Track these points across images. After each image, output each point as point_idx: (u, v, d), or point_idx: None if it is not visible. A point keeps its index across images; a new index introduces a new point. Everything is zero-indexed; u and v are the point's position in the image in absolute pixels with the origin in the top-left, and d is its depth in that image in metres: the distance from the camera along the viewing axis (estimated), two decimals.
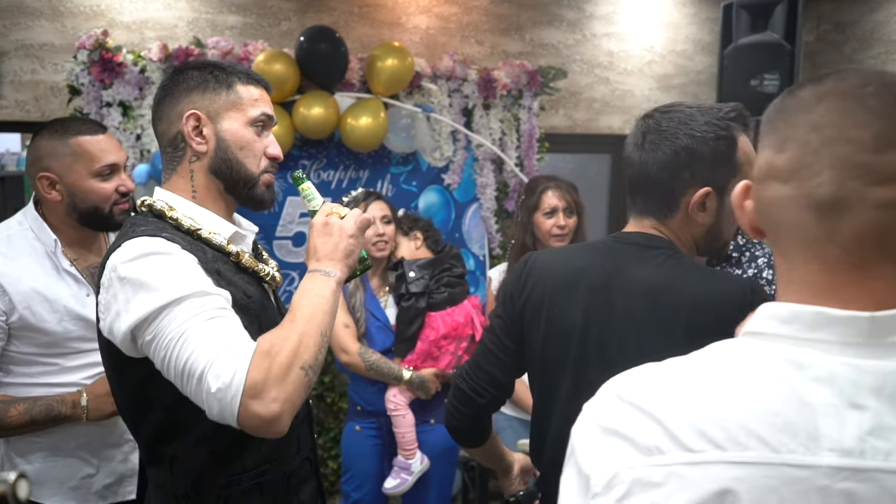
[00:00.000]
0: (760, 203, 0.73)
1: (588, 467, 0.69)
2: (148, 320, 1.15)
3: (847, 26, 4.47)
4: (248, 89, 1.36)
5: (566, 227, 2.60)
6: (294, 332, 1.17)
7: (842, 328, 0.64)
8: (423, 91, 3.55)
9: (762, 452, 0.62)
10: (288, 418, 1.14)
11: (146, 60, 3.25)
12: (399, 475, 2.63)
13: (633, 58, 4.37)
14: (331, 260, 1.30)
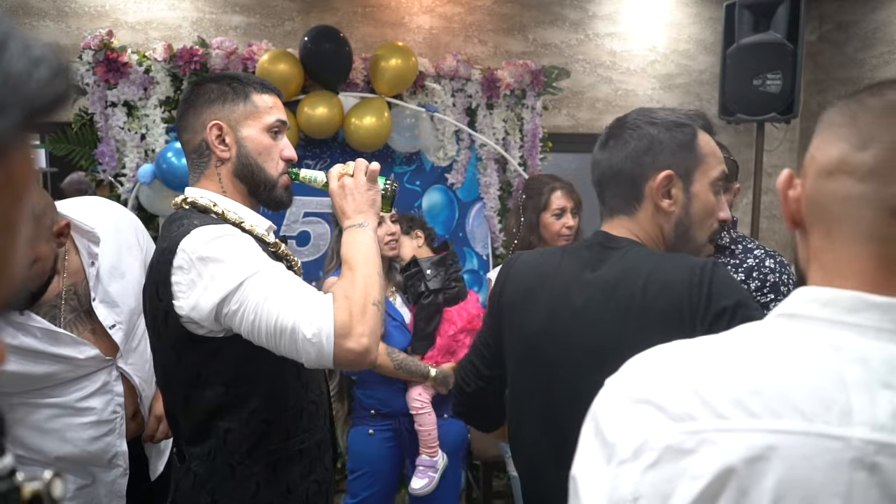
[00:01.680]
0: (818, 194, 0.73)
1: (614, 435, 0.69)
2: (233, 291, 1.29)
3: (849, 26, 4.48)
4: (263, 98, 1.50)
5: (573, 227, 2.61)
6: (358, 276, 1.34)
7: (878, 314, 0.66)
8: (427, 91, 3.55)
9: (796, 421, 0.63)
10: (375, 349, 1.31)
11: (151, 60, 3.25)
12: (426, 474, 2.64)
13: (635, 57, 4.38)
14: (359, 213, 1.44)
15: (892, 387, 0.63)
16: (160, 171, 2.99)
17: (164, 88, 3.26)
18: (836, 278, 0.70)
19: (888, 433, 0.61)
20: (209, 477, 1.44)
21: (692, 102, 4.47)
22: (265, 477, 1.46)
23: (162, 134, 3.25)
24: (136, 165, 3.20)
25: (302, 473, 1.52)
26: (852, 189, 0.69)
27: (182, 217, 1.43)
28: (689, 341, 0.74)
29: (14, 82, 0.32)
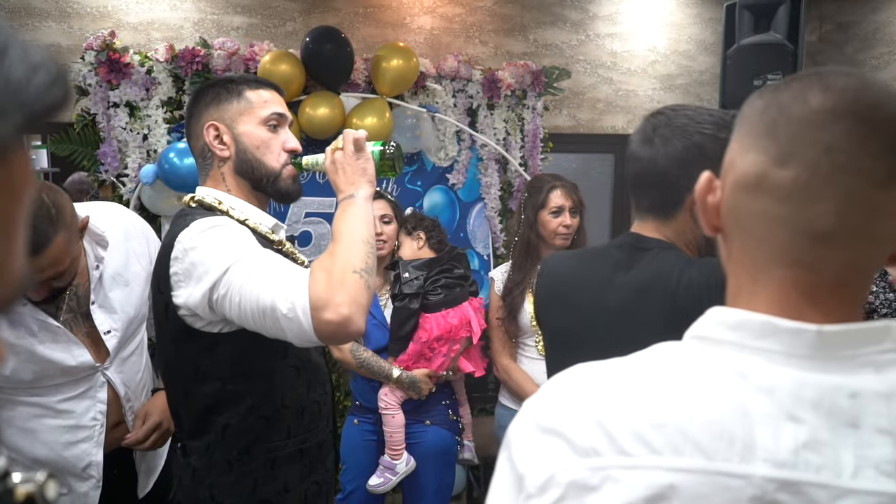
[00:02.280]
0: (736, 208, 0.69)
1: (523, 466, 0.67)
2: (220, 277, 1.29)
3: (849, 26, 4.49)
4: (258, 93, 1.51)
5: (571, 226, 2.62)
6: (339, 247, 1.31)
7: (788, 339, 0.64)
8: (428, 91, 3.56)
9: (696, 459, 0.62)
10: (360, 318, 1.26)
11: (153, 61, 3.26)
12: (383, 474, 2.63)
13: (636, 58, 4.39)
14: (350, 185, 1.42)
15: (796, 419, 0.62)
16: (162, 171, 3.00)
17: (166, 89, 3.27)
18: (749, 298, 0.68)
19: (789, 470, 0.60)
20: (207, 471, 1.47)
21: (692, 103, 4.46)
22: (263, 474, 1.48)
23: (164, 134, 3.26)
24: (139, 166, 3.21)
25: (302, 473, 1.53)
26: (770, 209, 0.66)
27: (187, 214, 1.46)
28: (600, 364, 0.72)
29: (14, 87, 0.34)
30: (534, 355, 2.72)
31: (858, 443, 0.61)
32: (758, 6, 3.80)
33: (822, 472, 0.60)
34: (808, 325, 0.64)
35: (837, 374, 0.63)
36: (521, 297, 2.67)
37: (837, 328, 0.64)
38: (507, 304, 2.69)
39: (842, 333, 0.64)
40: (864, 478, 0.60)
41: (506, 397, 2.85)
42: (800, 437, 0.61)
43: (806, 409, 0.62)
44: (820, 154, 0.63)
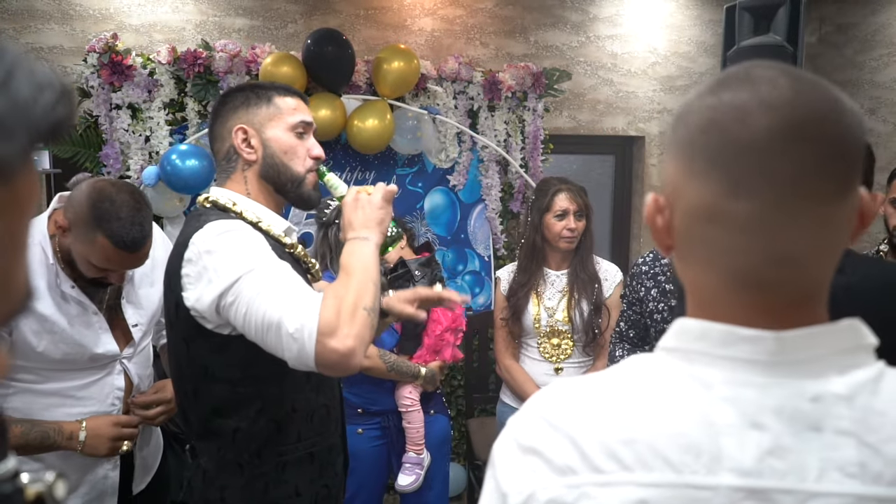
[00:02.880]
0: (691, 236, 0.69)
1: (506, 485, 0.69)
2: (231, 285, 1.30)
3: (849, 28, 4.50)
4: (285, 100, 1.54)
5: (576, 229, 2.63)
6: (353, 281, 1.33)
7: (748, 346, 0.65)
8: (429, 93, 3.58)
9: (665, 474, 0.63)
10: (360, 353, 1.27)
11: (155, 63, 3.28)
12: (413, 471, 2.67)
13: (636, 59, 4.40)
14: (364, 227, 1.44)
15: (759, 426, 0.63)
16: (164, 173, 3.02)
17: (168, 91, 3.28)
18: (712, 311, 0.69)
19: (755, 478, 0.62)
20: (218, 473, 1.47)
21: None
22: (274, 478, 1.49)
23: (166, 136, 3.27)
24: (141, 167, 3.23)
25: (312, 477, 1.54)
26: (730, 239, 0.65)
27: (201, 214, 1.47)
28: (576, 381, 0.73)
29: (21, 108, 0.34)
30: (536, 356, 2.74)
31: (822, 446, 0.62)
32: (758, 8, 3.81)
33: (787, 478, 0.61)
34: (766, 333, 0.65)
35: (799, 378, 0.64)
36: (525, 299, 2.69)
37: (796, 333, 0.65)
38: (512, 305, 2.72)
39: (800, 338, 0.65)
40: (828, 480, 0.61)
41: (507, 395, 2.87)
42: (764, 445, 0.62)
43: (769, 416, 0.63)
44: (774, 184, 0.63)
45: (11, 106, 0.34)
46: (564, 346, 2.69)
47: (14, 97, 0.34)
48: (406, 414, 2.66)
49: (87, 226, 1.65)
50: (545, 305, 2.69)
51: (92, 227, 1.64)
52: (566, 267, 2.73)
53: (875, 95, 4.31)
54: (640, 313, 2.20)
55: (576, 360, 2.70)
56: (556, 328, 2.67)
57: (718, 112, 0.65)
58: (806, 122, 0.62)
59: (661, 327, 2.10)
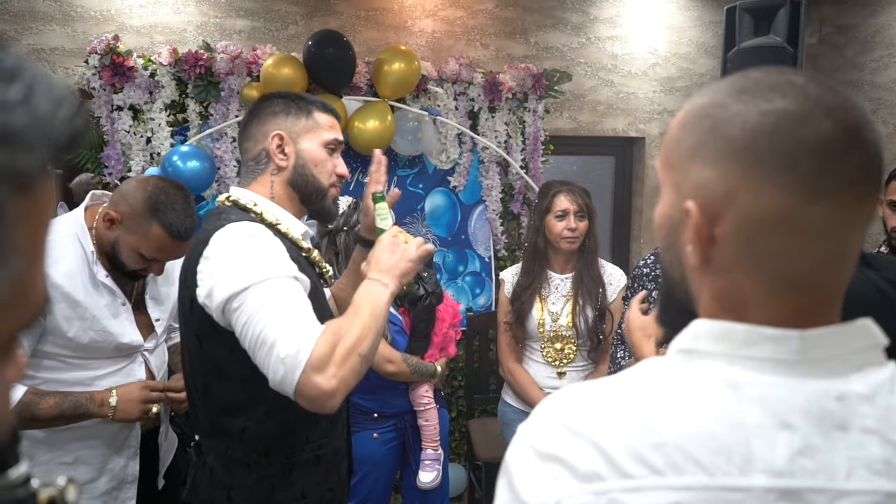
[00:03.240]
0: (751, 246, 0.67)
1: (527, 494, 0.67)
2: (240, 292, 1.32)
3: (849, 29, 4.50)
4: (324, 116, 1.60)
5: (577, 229, 2.63)
6: (358, 322, 1.33)
7: (772, 346, 0.65)
8: (430, 94, 3.58)
9: (698, 476, 0.62)
10: (341, 397, 1.28)
11: (156, 64, 3.29)
12: (434, 467, 2.71)
13: (636, 61, 4.41)
14: (390, 274, 1.45)
15: (789, 426, 0.63)
16: (165, 174, 3.02)
17: (170, 92, 3.29)
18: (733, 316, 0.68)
19: (787, 478, 0.62)
20: (225, 472, 1.48)
21: None
22: (281, 479, 1.50)
23: (167, 137, 3.28)
24: (142, 168, 3.23)
25: (318, 480, 1.56)
26: (798, 244, 0.65)
27: (222, 212, 1.50)
28: (590, 386, 0.72)
29: (41, 122, 0.36)
30: (539, 359, 2.75)
31: (849, 445, 0.63)
32: (758, 9, 3.82)
33: (818, 477, 0.62)
34: (791, 331, 0.65)
35: (823, 378, 0.65)
36: (529, 302, 2.70)
37: (819, 332, 0.66)
38: (516, 310, 2.72)
39: (823, 336, 0.66)
40: (857, 478, 0.62)
41: (509, 395, 2.88)
42: (794, 445, 0.63)
43: (797, 416, 0.63)
44: (845, 188, 0.64)
45: (33, 120, 0.35)
46: (568, 350, 2.69)
47: (35, 112, 0.35)
48: (423, 412, 2.69)
49: (142, 217, 1.79)
50: (549, 310, 2.69)
51: (147, 218, 1.79)
52: (570, 270, 2.73)
53: (875, 97, 4.32)
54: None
55: (579, 365, 2.71)
56: (559, 333, 2.68)
57: (780, 117, 0.64)
58: (858, 126, 0.65)
59: None
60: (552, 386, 2.68)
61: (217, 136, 3.33)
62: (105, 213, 1.82)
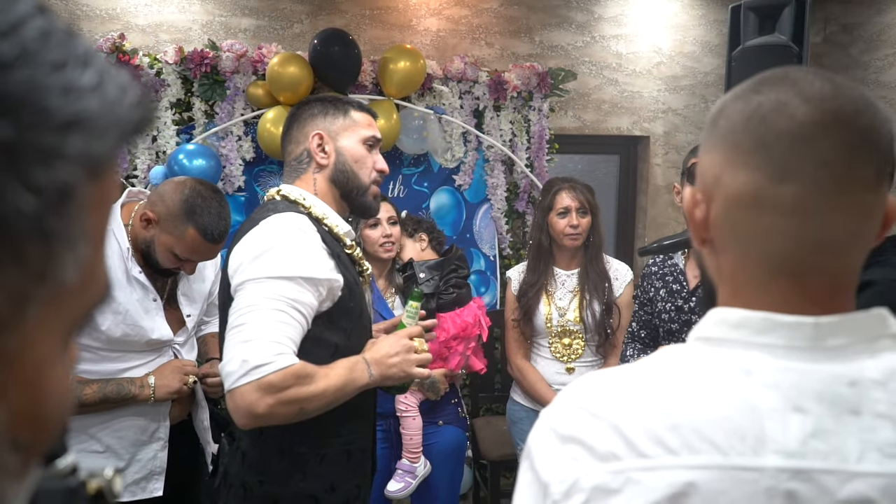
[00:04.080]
0: (732, 224, 0.72)
1: (547, 474, 0.70)
2: (250, 280, 1.39)
3: (854, 28, 4.50)
4: (361, 115, 1.66)
5: (579, 226, 2.64)
6: (324, 385, 1.39)
7: (788, 333, 0.68)
8: (435, 93, 3.59)
9: (712, 456, 0.64)
10: (257, 424, 1.35)
11: (162, 63, 3.29)
12: (403, 478, 2.64)
13: (641, 59, 4.41)
14: (380, 369, 1.50)
15: (802, 410, 0.65)
16: (172, 172, 3.03)
17: (175, 91, 3.30)
18: (748, 300, 0.71)
19: (799, 459, 0.63)
20: (259, 457, 1.52)
21: (698, 104, 4.49)
22: (313, 469, 1.54)
23: (173, 136, 3.29)
24: (148, 167, 3.24)
25: (346, 475, 1.59)
26: (773, 223, 0.69)
27: (271, 206, 1.56)
28: (611, 372, 0.74)
29: (111, 108, 0.36)
30: (547, 356, 2.75)
31: (861, 428, 0.64)
32: (763, 8, 3.81)
33: (830, 459, 0.63)
34: (806, 318, 0.68)
35: (836, 363, 0.67)
36: (535, 299, 2.69)
37: (832, 319, 0.68)
38: (523, 306, 2.71)
39: (836, 324, 0.67)
40: (868, 461, 0.63)
41: (517, 393, 2.87)
42: (807, 428, 0.64)
43: (810, 400, 0.65)
44: (817, 168, 0.67)
45: (104, 106, 0.36)
46: (576, 345, 2.69)
47: (106, 98, 0.36)
48: (402, 419, 2.65)
49: (178, 219, 1.84)
50: (556, 305, 2.69)
51: (183, 220, 1.84)
52: (576, 266, 2.73)
53: (880, 95, 4.31)
54: (650, 313, 2.21)
55: (587, 360, 2.70)
56: (567, 328, 2.68)
57: (760, 105, 0.69)
58: (842, 112, 0.67)
59: (668, 327, 2.11)
60: (561, 382, 2.68)
61: (222, 135, 3.34)
62: (142, 213, 1.87)
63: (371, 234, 2.64)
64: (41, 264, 0.35)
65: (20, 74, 0.33)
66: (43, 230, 0.34)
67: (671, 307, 2.10)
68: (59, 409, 0.39)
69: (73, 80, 0.35)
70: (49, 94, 0.34)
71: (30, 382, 0.36)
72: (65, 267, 0.36)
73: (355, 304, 1.56)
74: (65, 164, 0.34)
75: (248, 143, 3.35)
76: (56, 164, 0.34)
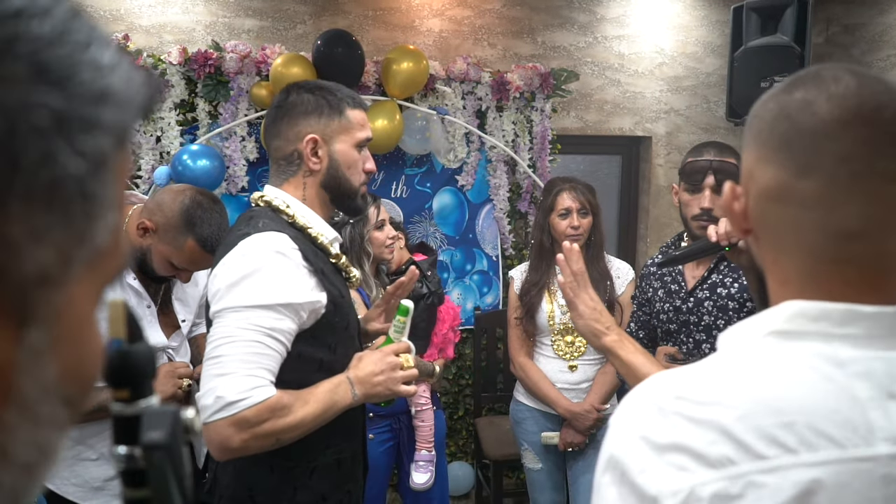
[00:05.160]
0: (765, 216, 0.75)
1: (654, 487, 0.66)
2: (227, 310, 1.35)
3: (856, 29, 4.50)
4: (356, 113, 1.56)
5: (580, 227, 2.64)
6: (301, 414, 1.36)
7: (869, 322, 0.69)
8: (438, 93, 3.60)
9: (831, 451, 0.64)
10: (230, 457, 1.33)
11: (166, 64, 3.30)
12: (427, 468, 2.72)
13: (643, 60, 4.41)
14: (364, 387, 1.46)
15: None
16: (176, 173, 3.04)
17: (179, 91, 3.31)
18: (796, 290, 0.73)
19: None
20: (249, 472, 1.49)
21: (700, 105, 4.50)
22: (304, 482, 1.51)
23: (177, 137, 3.30)
24: (152, 168, 3.25)
25: (337, 483, 1.57)
26: (799, 215, 0.72)
27: (252, 216, 1.50)
28: (688, 372, 0.72)
29: (129, 85, 0.40)
30: (550, 354, 2.76)
31: None
32: (765, 8, 3.82)
33: None
34: (887, 308, 0.69)
35: None
36: (538, 297, 2.71)
37: None
38: (525, 304, 2.73)
39: None
40: None
41: (521, 393, 2.88)
42: None
43: None
44: (836, 164, 0.69)
45: (124, 82, 0.39)
46: (578, 343, 2.70)
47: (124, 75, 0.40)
48: (420, 413, 2.70)
49: (176, 230, 1.80)
50: (559, 303, 2.70)
51: (183, 231, 1.80)
52: None
53: None
54: (648, 314, 2.22)
55: (589, 358, 2.72)
56: (569, 326, 2.68)
57: (788, 104, 0.73)
58: (864, 108, 0.69)
59: (667, 327, 2.11)
60: (564, 380, 2.69)
61: (226, 136, 3.35)
62: (140, 222, 1.83)
63: (378, 235, 2.67)
64: (83, 226, 0.38)
65: (61, 50, 0.36)
66: (86, 194, 0.37)
67: (669, 307, 2.11)
68: (97, 368, 0.44)
69: (98, 58, 0.38)
70: (84, 69, 0.37)
71: (75, 339, 0.40)
72: (100, 230, 0.39)
73: (341, 317, 1.52)
74: (101, 134, 0.38)
75: (251, 143, 3.37)
76: (95, 132, 0.37)
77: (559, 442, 2.66)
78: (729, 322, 1.98)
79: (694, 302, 2.04)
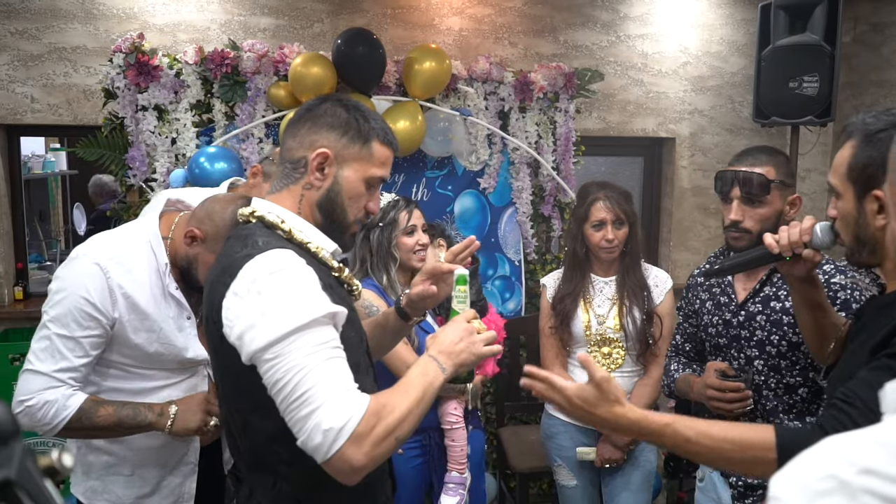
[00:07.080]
0: None
1: None
2: (277, 340, 1.22)
3: (885, 27, 4.39)
4: (382, 149, 1.45)
5: (615, 239, 2.51)
6: (405, 405, 1.29)
7: None
8: (459, 94, 3.50)
9: None
10: (365, 473, 1.24)
11: (182, 63, 3.21)
12: (457, 492, 2.57)
13: (667, 59, 4.31)
14: (450, 358, 1.40)
15: None
16: (192, 176, 2.94)
17: (195, 92, 3.22)
18: None
19: None
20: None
21: (724, 105, 4.39)
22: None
23: (193, 138, 3.21)
24: (167, 170, 3.16)
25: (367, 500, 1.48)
26: None
27: (248, 235, 1.37)
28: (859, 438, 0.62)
29: None
30: None
31: None
32: (794, 6, 3.71)
33: None
34: None
35: None
36: (573, 305, 2.58)
37: None
38: (559, 312, 2.59)
39: None
40: None
41: (552, 406, 2.77)
42: None
43: None
44: None
45: None
46: (616, 355, 2.57)
47: None
48: (450, 431, 2.57)
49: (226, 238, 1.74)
50: (595, 312, 2.58)
51: None
52: (614, 273, 2.61)
53: None
54: (695, 326, 2.11)
55: (628, 370, 2.58)
56: (606, 336, 2.56)
57: None
58: None
59: (716, 341, 2.01)
60: None
61: (243, 137, 3.26)
62: (188, 230, 1.78)
63: (407, 241, 2.56)
64: None
65: None
66: None
67: (718, 321, 2.00)
68: None
69: None
70: None
71: None
72: None
73: (355, 332, 1.44)
74: None
75: (269, 145, 3.27)
76: None
77: (596, 458, 2.54)
78: (783, 338, 1.88)
79: (745, 316, 1.94)
